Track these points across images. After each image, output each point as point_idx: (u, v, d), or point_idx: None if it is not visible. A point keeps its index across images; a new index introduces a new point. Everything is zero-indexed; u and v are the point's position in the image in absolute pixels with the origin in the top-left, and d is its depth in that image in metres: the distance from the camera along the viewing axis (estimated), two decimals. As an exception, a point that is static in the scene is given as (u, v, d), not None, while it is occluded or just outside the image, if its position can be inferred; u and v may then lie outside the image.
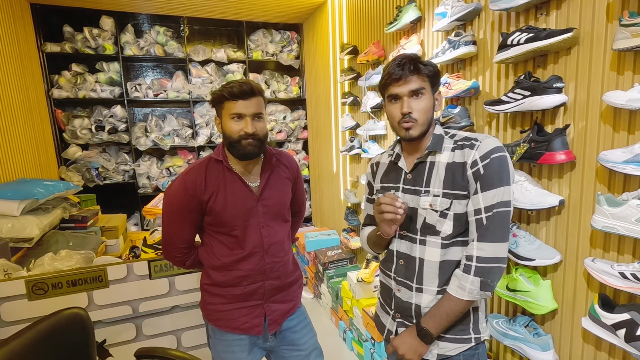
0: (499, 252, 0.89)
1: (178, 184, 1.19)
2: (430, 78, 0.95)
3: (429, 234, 0.97)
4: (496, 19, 1.49)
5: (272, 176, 1.27)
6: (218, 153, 1.22)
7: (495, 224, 0.88)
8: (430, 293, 0.98)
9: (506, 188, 0.89)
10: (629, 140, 1.08)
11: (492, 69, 1.54)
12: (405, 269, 1.03)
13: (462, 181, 0.92)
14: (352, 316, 2.42)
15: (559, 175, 1.30)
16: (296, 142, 4.07)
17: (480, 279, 0.88)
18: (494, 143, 0.91)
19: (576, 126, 1.22)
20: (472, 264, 0.90)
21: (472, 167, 0.91)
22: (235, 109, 1.13)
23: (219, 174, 1.21)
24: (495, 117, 1.54)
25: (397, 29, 2.03)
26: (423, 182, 0.98)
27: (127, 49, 3.31)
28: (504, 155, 0.90)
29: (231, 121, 1.14)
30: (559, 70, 1.26)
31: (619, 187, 1.11)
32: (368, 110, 2.42)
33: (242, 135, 1.13)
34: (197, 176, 1.18)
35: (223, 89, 1.14)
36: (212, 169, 1.21)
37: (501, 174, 0.89)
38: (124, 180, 3.50)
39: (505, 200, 0.88)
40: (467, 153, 0.92)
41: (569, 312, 1.30)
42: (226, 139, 1.18)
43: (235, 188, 1.21)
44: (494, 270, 0.89)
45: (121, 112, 3.38)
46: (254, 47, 3.76)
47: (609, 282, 1.06)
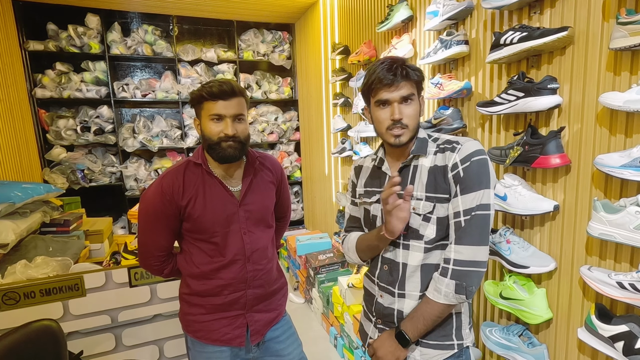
0: (477, 255, 0.87)
1: (154, 188, 1.13)
2: (417, 83, 0.94)
3: (412, 238, 0.95)
4: (489, 17, 1.45)
5: (254, 180, 1.21)
6: (197, 156, 1.16)
7: (474, 226, 0.87)
8: (413, 298, 0.97)
9: (486, 191, 0.87)
10: (626, 144, 1.03)
11: (484, 69, 1.49)
12: (388, 274, 1.00)
13: (444, 184, 0.91)
14: (343, 322, 2.36)
15: (554, 180, 1.25)
16: (288, 143, 4.01)
17: (456, 282, 0.87)
18: (475, 146, 0.90)
19: (571, 129, 1.18)
20: (449, 266, 0.89)
21: (453, 170, 0.90)
22: (214, 109, 1.07)
23: (198, 177, 1.15)
24: (488, 119, 1.50)
25: (388, 28, 1.98)
26: (404, 185, 0.96)
27: (114, 48, 3.23)
28: (484, 158, 0.89)
29: (210, 122, 1.08)
30: (553, 70, 1.22)
31: (616, 193, 1.07)
32: (359, 112, 2.36)
33: (221, 137, 1.08)
34: (174, 180, 1.12)
35: (202, 88, 1.08)
36: (190, 172, 1.15)
37: (481, 177, 0.87)
38: (110, 182, 3.41)
39: (485, 203, 0.87)
40: (448, 156, 0.91)
41: (564, 321, 1.25)
42: (205, 141, 1.12)
43: (215, 193, 1.15)
44: (471, 274, 0.87)
45: (108, 112, 3.29)
46: (245, 47, 3.70)
47: (606, 292, 1.01)
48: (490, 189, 0.88)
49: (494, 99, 1.33)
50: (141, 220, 1.17)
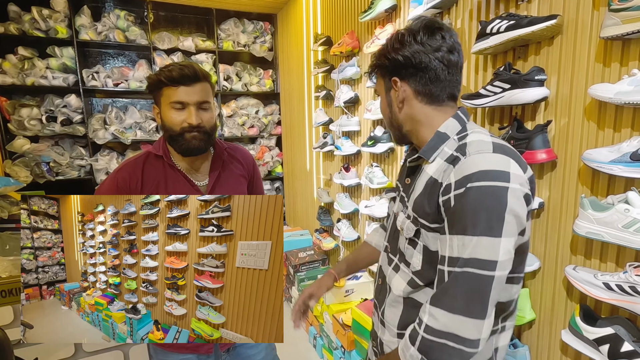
0: (457, 327, 0.61)
1: (109, 182, 1.02)
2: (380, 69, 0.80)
3: (402, 260, 0.79)
4: (475, 6, 1.39)
5: (223, 174, 1.12)
6: (158, 147, 1.06)
7: (459, 288, 0.61)
8: (391, 332, 0.81)
9: (485, 240, 0.60)
10: (614, 139, 0.99)
11: (469, 60, 1.43)
12: (378, 291, 0.87)
13: (431, 209, 0.69)
14: (322, 322, 2.29)
15: (538, 176, 1.20)
16: (269, 138, 3.90)
17: (422, 357, 0.64)
18: (483, 164, 0.62)
19: (558, 123, 1.13)
20: (419, 332, 0.65)
21: (444, 194, 0.66)
22: (175, 96, 0.97)
23: (159, 171, 1.05)
24: (472, 112, 1.44)
25: (372, 17, 1.90)
26: (409, 192, 0.78)
27: (83, 33, 3.04)
28: (493, 187, 0.60)
29: (172, 111, 0.98)
30: (540, 61, 1.17)
31: (603, 190, 1.02)
32: (341, 105, 2.28)
33: (185, 127, 0.98)
34: (131, 173, 1.02)
35: (160, 72, 0.97)
36: (150, 165, 1.05)
37: (478, 215, 0.60)
38: (79, 176, 3.22)
39: (482, 259, 0.60)
40: (447, 171, 0.67)
41: (547, 322, 1.21)
42: (166, 132, 1.01)
43: (178, 188, 1.05)
44: (445, 350, 0.62)
45: (76, 102, 3.10)
46: (225, 37, 3.55)
47: (591, 293, 0.97)
48: (499, 238, 0.60)
49: (479, 91, 1.27)
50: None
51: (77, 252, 1.43)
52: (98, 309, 1.17)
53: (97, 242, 1.33)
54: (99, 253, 1.31)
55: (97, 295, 1.20)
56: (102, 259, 1.28)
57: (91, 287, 1.26)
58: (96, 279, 1.28)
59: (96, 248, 1.32)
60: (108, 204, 1.21)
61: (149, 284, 1.10)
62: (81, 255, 1.38)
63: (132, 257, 1.14)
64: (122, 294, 1.16)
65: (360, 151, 2.26)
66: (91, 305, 1.20)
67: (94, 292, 1.22)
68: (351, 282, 2.19)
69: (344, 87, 2.29)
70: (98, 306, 1.16)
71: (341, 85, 2.32)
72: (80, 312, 1.28)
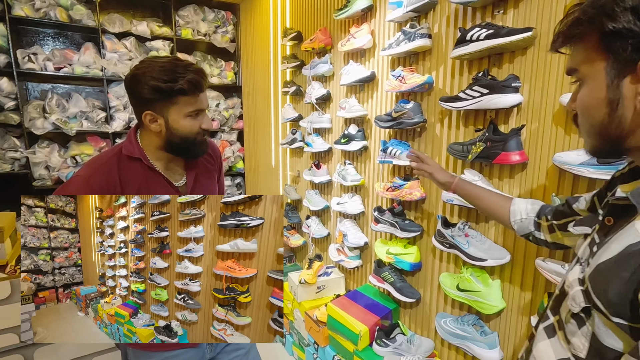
0: None
1: (79, 186, 0.92)
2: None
3: (561, 328, 0.57)
4: (452, 13, 1.45)
5: (198, 173, 1.10)
6: (132, 149, 0.98)
7: None
8: None
9: None
10: (579, 143, 1.10)
11: (446, 64, 1.50)
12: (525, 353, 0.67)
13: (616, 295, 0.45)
14: (292, 319, 2.28)
15: (510, 176, 1.30)
16: (230, 132, 3.76)
17: None
18: None
19: (529, 127, 1.23)
20: None
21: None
22: (196, 104, 0.94)
23: (138, 174, 0.98)
24: (447, 115, 1.51)
25: (347, 16, 1.91)
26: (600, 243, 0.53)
27: (17, 9, 2.68)
28: None
29: (187, 119, 0.95)
30: (514, 69, 1.26)
31: (568, 189, 1.14)
32: (313, 102, 2.27)
33: (200, 133, 0.98)
34: (108, 177, 0.94)
35: (174, 77, 0.89)
36: (125, 168, 0.97)
37: None
38: (12, 170, 2.86)
39: None
40: None
41: (515, 310, 1.32)
42: (175, 139, 0.97)
43: (160, 191, 1.01)
44: None
45: (9, 86, 2.73)
46: (184, 24, 3.35)
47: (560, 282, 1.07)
48: None
49: (459, 95, 1.33)
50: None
51: (94, 252, 1.27)
52: (119, 321, 1.00)
53: (118, 242, 1.16)
54: (119, 254, 1.14)
55: (117, 304, 1.05)
56: (122, 261, 1.12)
57: (110, 292, 1.10)
58: (115, 283, 1.11)
59: (116, 248, 1.16)
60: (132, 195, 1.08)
61: (188, 295, 0.94)
62: (99, 256, 1.22)
63: (163, 259, 0.99)
64: (147, 305, 1.00)
65: (332, 148, 2.27)
66: (110, 315, 1.04)
67: (114, 298, 1.07)
68: (323, 278, 2.20)
69: (316, 83, 2.28)
70: (119, 318, 1.00)
71: (313, 81, 2.31)
72: (97, 320, 1.11)
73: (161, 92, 0.90)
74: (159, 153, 1.01)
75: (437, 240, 1.49)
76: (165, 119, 0.94)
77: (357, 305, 1.87)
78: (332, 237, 2.35)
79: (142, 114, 0.95)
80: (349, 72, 1.93)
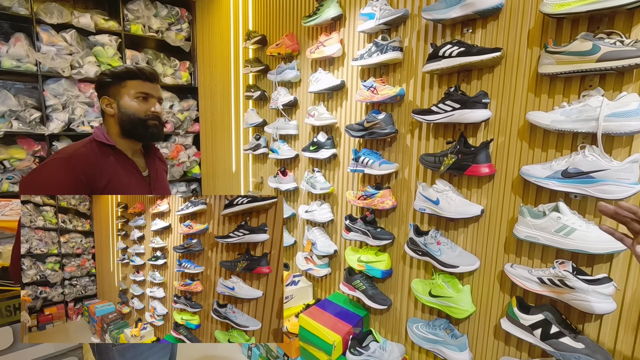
0: None
1: (58, 167, 0.96)
2: None
3: None
4: (422, 28, 1.51)
5: (158, 168, 1.27)
6: (104, 138, 1.10)
7: None
8: None
9: None
10: (542, 157, 1.19)
11: (416, 77, 1.55)
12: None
13: None
14: (258, 332, 2.21)
15: (478, 186, 1.38)
16: (185, 135, 3.57)
17: None
18: None
19: (496, 140, 1.31)
20: None
21: None
22: (144, 87, 1.11)
23: (112, 161, 1.08)
24: (418, 126, 1.56)
25: (316, 23, 1.90)
26: None
27: None
28: None
29: (136, 100, 1.11)
30: (482, 86, 1.33)
31: (532, 199, 1.23)
32: (279, 107, 2.23)
33: (149, 115, 1.12)
34: (87, 160, 1.02)
35: (127, 66, 1.10)
36: (100, 154, 1.07)
37: None
38: None
39: None
40: None
41: (484, 313, 1.40)
42: (126, 120, 1.11)
43: (132, 176, 1.14)
44: None
45: None
46: (133, 19, 3.11)
47: (528, 287, 1.16)
48: None
49: (431, 108, 1.38)
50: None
51: (113, 260, 1.10)
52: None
53: (151, 249, 0.95)
54: (153, 266, 0.92)
55: (149, 338, 0.81)
56: (159, 277, 0.88)
57: (138, 318, 0.89)
58: (144, 306, 0.87)
59: (148, 257, 0.96)
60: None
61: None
62: (119, 266, 1.04)
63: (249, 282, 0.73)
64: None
65: (299, 155, 2.24)
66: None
67: (143, 327, 0.86)
68: (290, 287, 2.16)
69: (282, 89, 2.24)
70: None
71: (279, 87, 2.26)
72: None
73: (114, 76, 1.09)
74: (121, 141, 1.13)
75: (409, 248, 1.53)
76: (117, 101, 1.10)
77: (328, 314, 1.85)
78: (299, 245, 2.32)
79: (100, 101, 1.12)
80: (318, 80, 1.92)
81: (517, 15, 1.21)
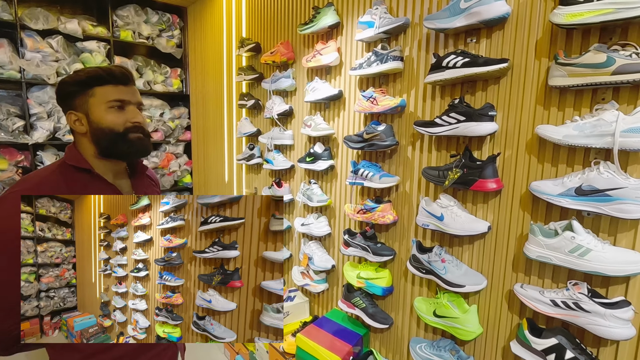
0: None
1: (19, 205, 0.78)
2: None
3: None
4: (423, 37, 1.46)
5: (147, 191, 1.07)
6: (77, 159, 0.89)
7: None
8: None
9: None
10: (552, 172, 1.14)
11: (417, 88, 1.50)
12: None
13: None
14: (253, 350, 2.12)
15: (484, 201, 1.32)
16: (176, 144, 3.47)
17: None
18: None
19: (503, 154, 1.25)
20: None
21: None
22: (117, 94, 0.88)
23: (87, 187, 0.89)
24: (419, 138, 1.51)
25: (313, 31, 1.85)
26: None
27: None
28: None
29: (110, 110, 0.88)
30: (487, 98, 1.29)
31: (542, 216, 1.17)
32: (274, 117, 2.16)
33: (129, 126, 0.89)
34: (54, 193, 0.84)
35: (91, 70, 0.87)
36: (73, 180, 0.87)
37: None
38: None
39: None
40: None
41: (491, 335, 1.33)
42: (103, 137, 0.88)
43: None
44: None
45: None
46: (123, 25, 3.02)
47: (540, 309, 1.10)
48: None
49: (435, 120, 1.33)
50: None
51: (95, 271, 1.00)
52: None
53: (133, 260, 0.91)
54: (135, 278, 0.89)
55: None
56: (141, 289, 0.86)
57: (120, 332, 0.84)
58: (127, 318, 0.85)
59: (130, 269, 0.91)
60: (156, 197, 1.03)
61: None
62: (101, 277, 0.95)
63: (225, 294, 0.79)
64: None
65: (294, 166, 2.17)
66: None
67: (125, 340, 0.82)
68: (286, 303, 2.08)
69: (277, 98, 2.17)
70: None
71: (274, 96, 2.20)
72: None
73: (77, 83, 0.87)
74: (99, 163, 0.92)
75: (412, 266, 1.46)
76: (87, 115, 0.88)
77: (327, 333, 1.77)
78: (294, 260, 2.24)
79: (67, 118, 0.90)
80: (315, 89, 1.86)
81: (524, 25, 1.17)
